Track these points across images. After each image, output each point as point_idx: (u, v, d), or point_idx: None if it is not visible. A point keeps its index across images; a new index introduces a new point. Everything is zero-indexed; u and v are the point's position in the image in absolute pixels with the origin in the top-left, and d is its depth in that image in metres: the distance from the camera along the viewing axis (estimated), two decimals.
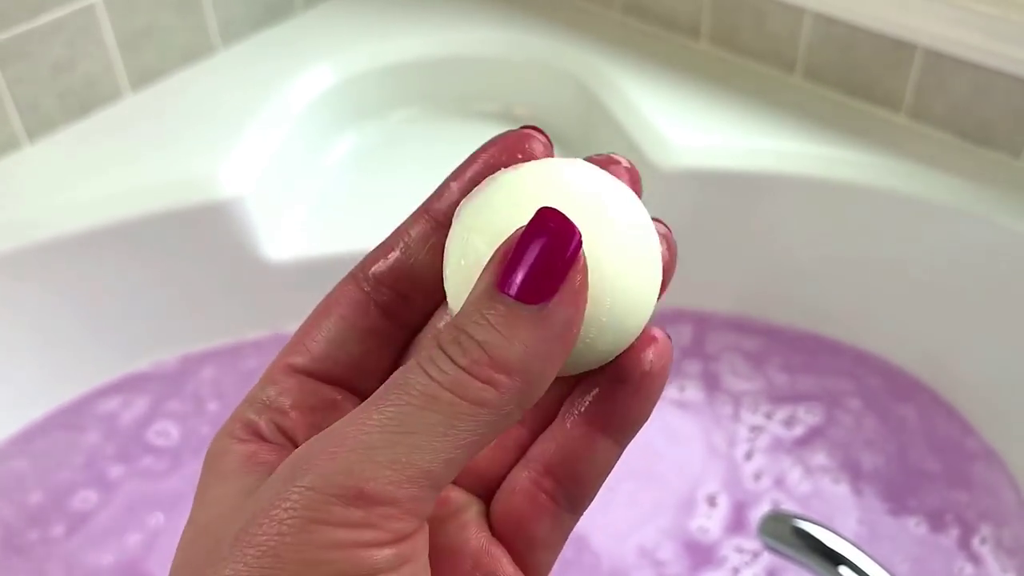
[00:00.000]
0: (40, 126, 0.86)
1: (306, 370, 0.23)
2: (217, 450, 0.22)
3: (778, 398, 0.85)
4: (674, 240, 0.23)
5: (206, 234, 0.83)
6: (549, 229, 0.20)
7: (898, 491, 0.79)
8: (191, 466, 0.81)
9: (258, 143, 0.86)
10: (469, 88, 1.00)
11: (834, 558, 0.50)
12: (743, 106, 0.87)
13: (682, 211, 0.86)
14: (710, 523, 0.77)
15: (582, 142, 0.95)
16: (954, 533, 0.76)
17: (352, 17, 1.03)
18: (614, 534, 0.77)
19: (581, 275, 0.20)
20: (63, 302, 0.81)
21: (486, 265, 0.20)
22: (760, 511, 0.77)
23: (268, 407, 0.23)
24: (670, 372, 0.23)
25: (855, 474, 0.80)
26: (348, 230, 0.87)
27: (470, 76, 1.00)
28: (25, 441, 0.82)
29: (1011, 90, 0.78)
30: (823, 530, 0.51)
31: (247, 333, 0.88)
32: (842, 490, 0.79)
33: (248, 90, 0.92)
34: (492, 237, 0.21)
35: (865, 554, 0.50)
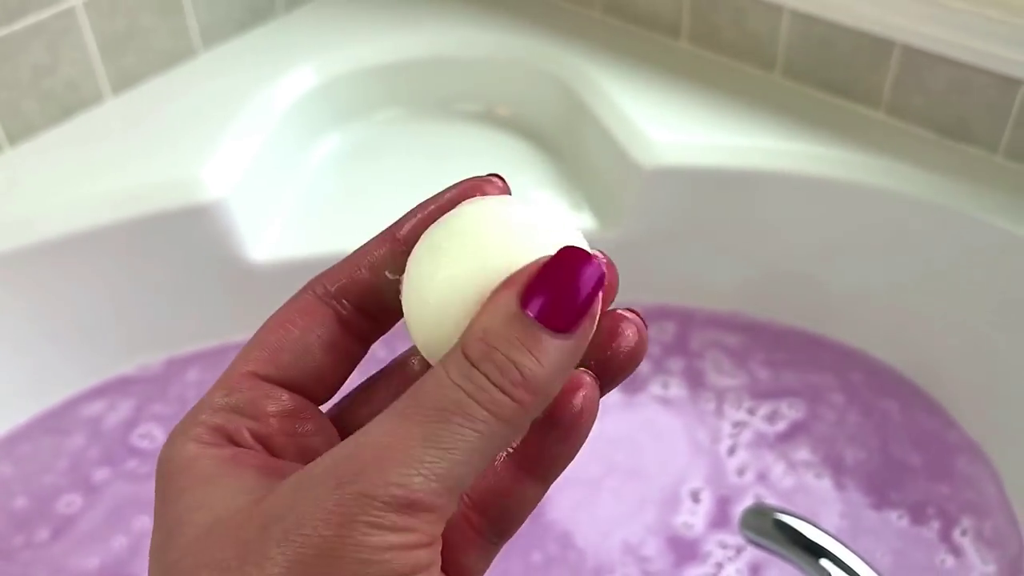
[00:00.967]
0: (21, 130, 0.85)
1: (271, 378, 0.25)
2: (183, 454, 0.23)
3: (761, 394, 0.86)
4: (613, 262, 0.24)
5: (190, 236, 0.83)
6: (579, 260, 0.22)
7: (880, 485, 0.80)
8: None
9: (241, 145, 0.86)
10: (452, 89, 1.01)
11: (815, 551, 0.51)
12: (724, 104, 0.88)
13: (664, 209, 0.86)
14: (694, 519, 0.78)
15: (564, 141, 0.96)
16: (935, 526, 0.77)
17: (334, 18, 1.03)
18: (598, 530, 0.77)
19: (598, 308, 0.22)
20: (46, 306, 0.81)
21: (509, 286, 0.22)
22: (744, 506, 0.77)
23: (238, 413, 0.24)
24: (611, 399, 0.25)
25: (838, 468, 0.81)
26: (332, 231, 0.87)
27: (452, 77, 1.00)
28: (9, 445, 0.82)
29: (988, 85, 0.79)
30: (803, 523, 0.52)
31: (232, 335, 0.88)
32: (825, 484, 0.80)
33: (230, 92, 0.92)
34: (453, 261, 0.23)
35: (845, 546, 0.51)
